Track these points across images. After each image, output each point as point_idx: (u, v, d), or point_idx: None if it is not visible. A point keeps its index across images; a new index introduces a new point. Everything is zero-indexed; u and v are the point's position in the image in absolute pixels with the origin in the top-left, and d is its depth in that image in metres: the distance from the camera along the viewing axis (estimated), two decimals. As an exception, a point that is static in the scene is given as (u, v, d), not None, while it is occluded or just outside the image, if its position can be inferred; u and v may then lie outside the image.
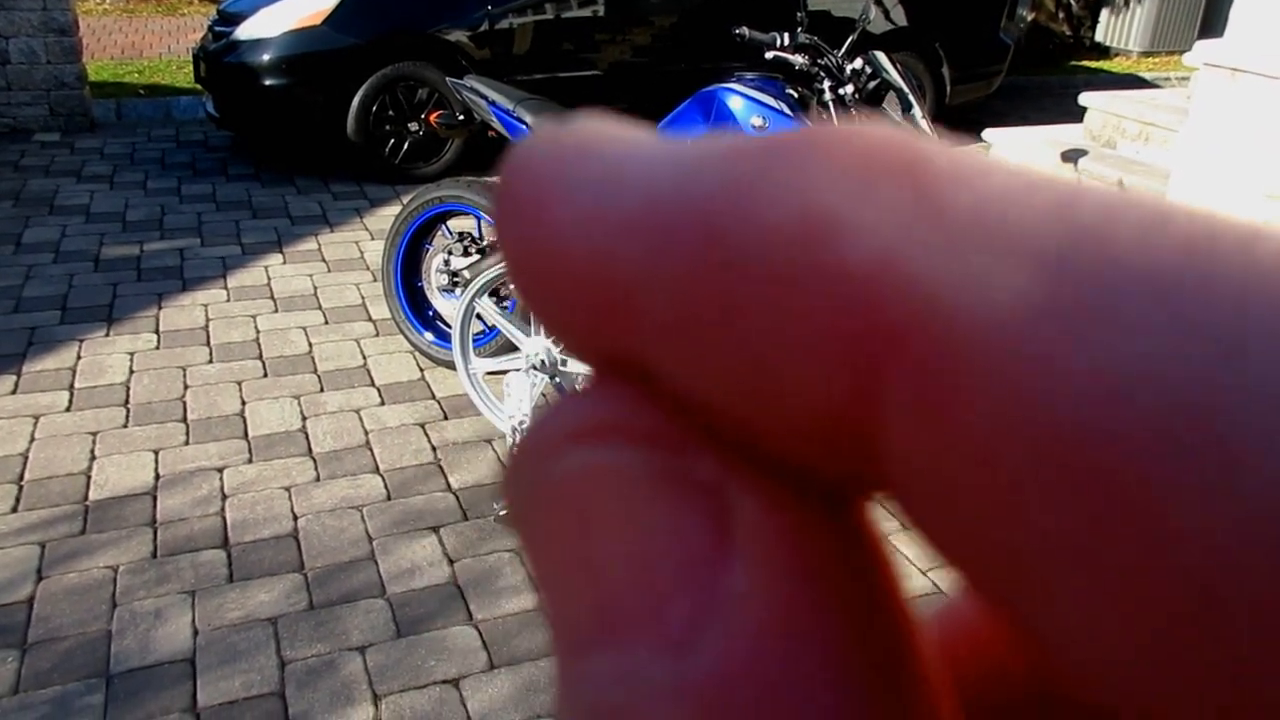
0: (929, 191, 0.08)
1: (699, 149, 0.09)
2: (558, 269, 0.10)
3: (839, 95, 2.78)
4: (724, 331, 0.09)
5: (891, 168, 0.09)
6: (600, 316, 0.10)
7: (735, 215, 0.09)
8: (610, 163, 0.10)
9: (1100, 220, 0.08)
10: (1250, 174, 3.29)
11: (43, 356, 3.40)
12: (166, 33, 9.06)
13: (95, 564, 2.42)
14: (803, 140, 0.09)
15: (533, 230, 0.10)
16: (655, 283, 0.09)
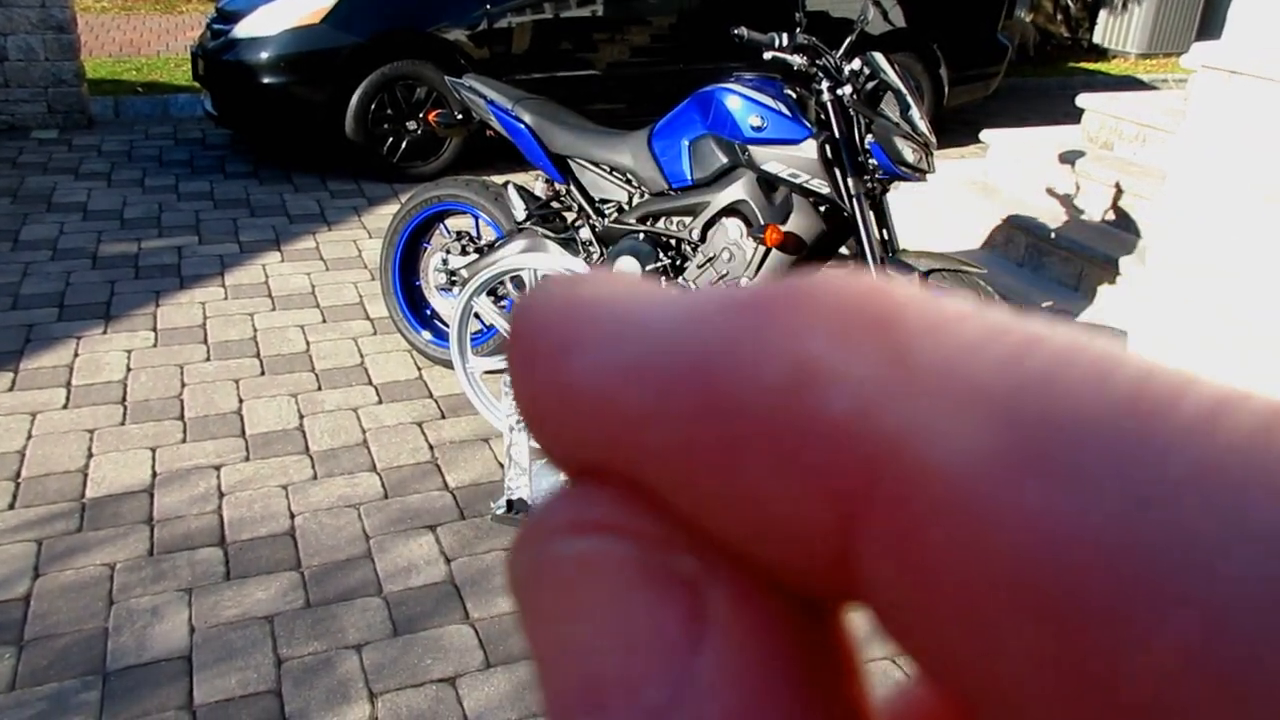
0: (900, 345, 0.09)
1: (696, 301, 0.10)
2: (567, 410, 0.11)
3: (837, 96, 2.78)
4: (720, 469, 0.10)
5: (868, 322, 0.10)
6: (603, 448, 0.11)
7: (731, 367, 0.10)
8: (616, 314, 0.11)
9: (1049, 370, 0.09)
10: (1247, 176, 3.29)
11: (40, 354, 3.40)
12: (165, 30, 9.05)
13: (92, 561, 2.42)
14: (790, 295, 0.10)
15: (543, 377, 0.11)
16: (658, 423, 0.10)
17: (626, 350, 0.10)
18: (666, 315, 0.10)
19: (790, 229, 2.85)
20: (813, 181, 2.81)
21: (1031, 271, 4.17)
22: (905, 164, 2.77)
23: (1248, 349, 3.22)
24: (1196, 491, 0.08)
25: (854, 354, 0.09)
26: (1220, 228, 3.39)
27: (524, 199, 3.17)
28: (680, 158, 3.01)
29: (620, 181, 3.15)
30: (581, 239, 3.18)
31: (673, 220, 3.04)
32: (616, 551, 0.11)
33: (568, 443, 0.11)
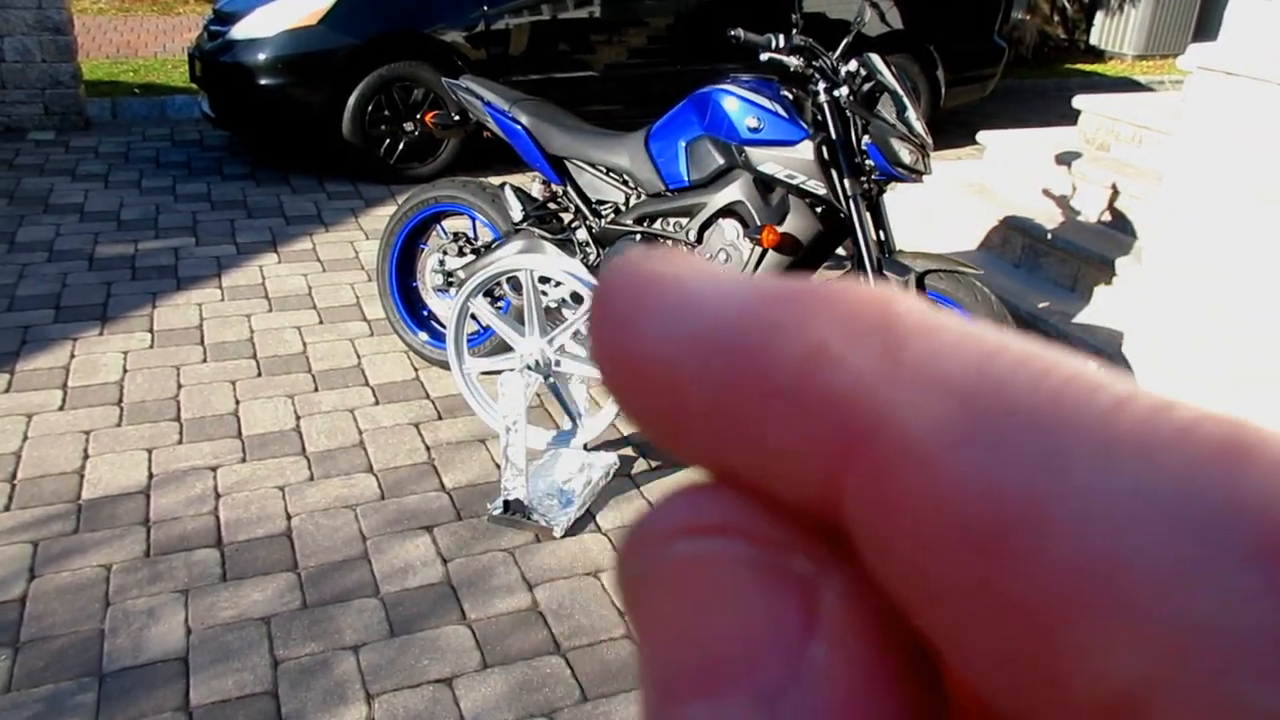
0: (893, 341, 0.12)
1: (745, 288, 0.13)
2: (635, 369, 0.13)
3: (834, 97, 2.78)
4: (745, 421, 0.12)
5: (873, 322, 0.12)
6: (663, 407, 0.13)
7: (764, 345, 0.12)
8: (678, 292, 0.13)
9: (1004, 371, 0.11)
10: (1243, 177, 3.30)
11: (36, 355, 3.40)
12: (162, 32, 9.05)
13: (88, 563, 2.42)
14: (817, 294, 0.12)
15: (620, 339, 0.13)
16: (703, 385, 0.12)
17: (684, 323, 0.13)
18: (720, 296, 0.13)
19: (787, 230, 2.85)
20: (809, 183, 2.81)
21: (1028, 272, 4.17)
22: (902, 165, 2.77)
23: (1242, 348, 3.22)
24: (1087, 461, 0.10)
25: (857, 344, 0.12)
26: (1216, 228, 3.39)
27: (521, 200, 3.17)
28: (677, 159, 3.01)
29: (617, 183, 3.16)
30: (578, 240, 3.18)
31: (669, 221, 3.04)
32: (735, 551, 0.13)
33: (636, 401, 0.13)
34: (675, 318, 0.13)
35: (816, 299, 0.12)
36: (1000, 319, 2.76)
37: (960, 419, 0.11)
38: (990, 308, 2.76)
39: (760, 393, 0.12)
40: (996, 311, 2.77)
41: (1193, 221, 3.47)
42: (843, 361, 0.12)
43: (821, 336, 0.12)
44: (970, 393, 0.11)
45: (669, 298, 0.13)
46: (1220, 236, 3.38)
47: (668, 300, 0.13)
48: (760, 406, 0.12)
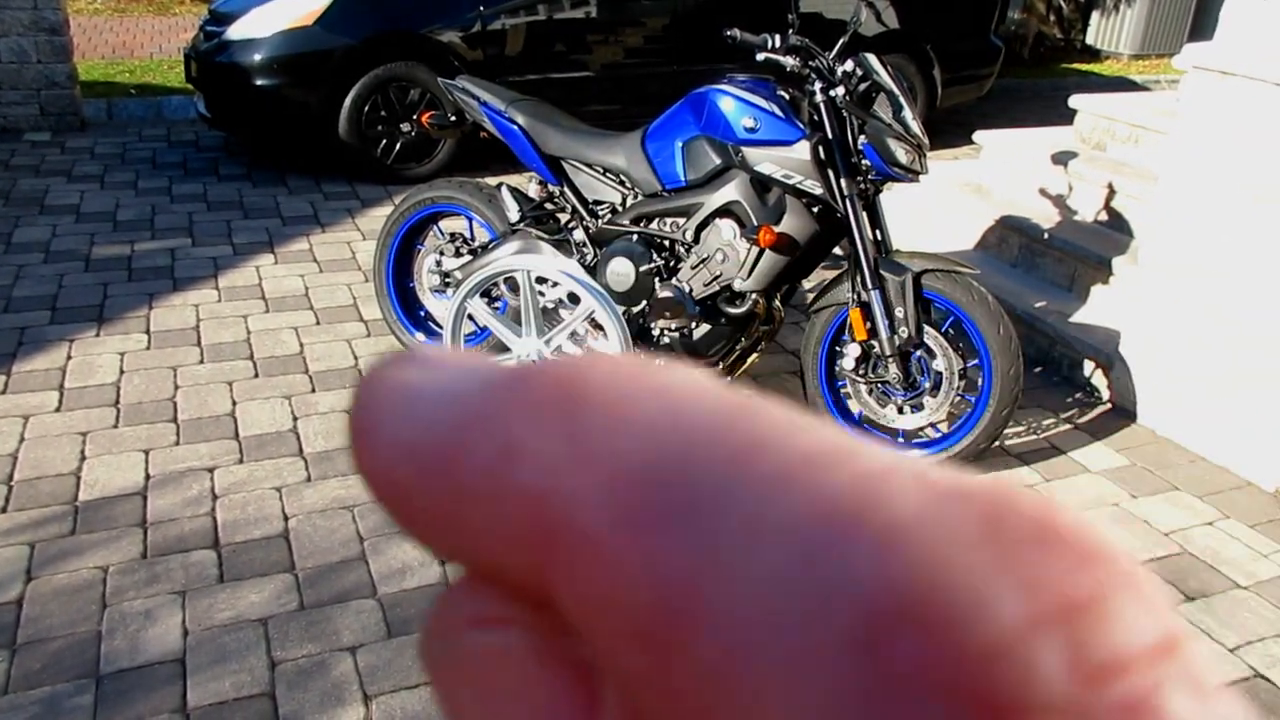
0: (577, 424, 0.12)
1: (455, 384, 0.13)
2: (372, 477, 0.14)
3: (830, 97, 2.78)
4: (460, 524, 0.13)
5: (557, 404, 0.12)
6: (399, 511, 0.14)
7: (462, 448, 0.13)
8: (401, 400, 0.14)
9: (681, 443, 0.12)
10: (1239, 176, 3.30)
11: (32, 356, 3.39)
12: (158, 32, 9.04)
13: (85, 564, 2.41)
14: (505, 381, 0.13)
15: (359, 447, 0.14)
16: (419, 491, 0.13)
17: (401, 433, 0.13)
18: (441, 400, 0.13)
19: (783, 230, 2.85)
20: (806, 182, 2.81)
21: (1024, 272, 4.18)
22: (898, 165, 2.77)
23: (1239, 349, 3.23)
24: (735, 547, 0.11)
25: (542, 432, 0.12)
26: (1212, 228, 3.40)
27: (517, 200, 3.17)
28: (674, 159, 3.01)
29: (614, 183, 3.16)
30: (575, 240, 3.18)
31: (666, 221, 3.04)
32: (519, 642, 0.13)
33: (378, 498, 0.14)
34: (401, 425, 0.13)
35: (510, 387, 0.13)
36: (997, 318, 2.77)
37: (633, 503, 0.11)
38: (987, 307, 2.77)
39: (463, 498, 0.13)
40: (993, 311, 2.77)
41: (1189, 221, 3.47)
42: (530, 454, 0.12)
43: (509, 429, 0.12)
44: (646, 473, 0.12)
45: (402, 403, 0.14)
46: (1217, 236, 3.39)
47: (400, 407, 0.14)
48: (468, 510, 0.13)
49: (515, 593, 0.14)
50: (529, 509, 0.12)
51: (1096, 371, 3.53)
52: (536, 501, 0.12)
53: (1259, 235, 3.26)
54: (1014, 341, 2.77)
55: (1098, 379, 3.53)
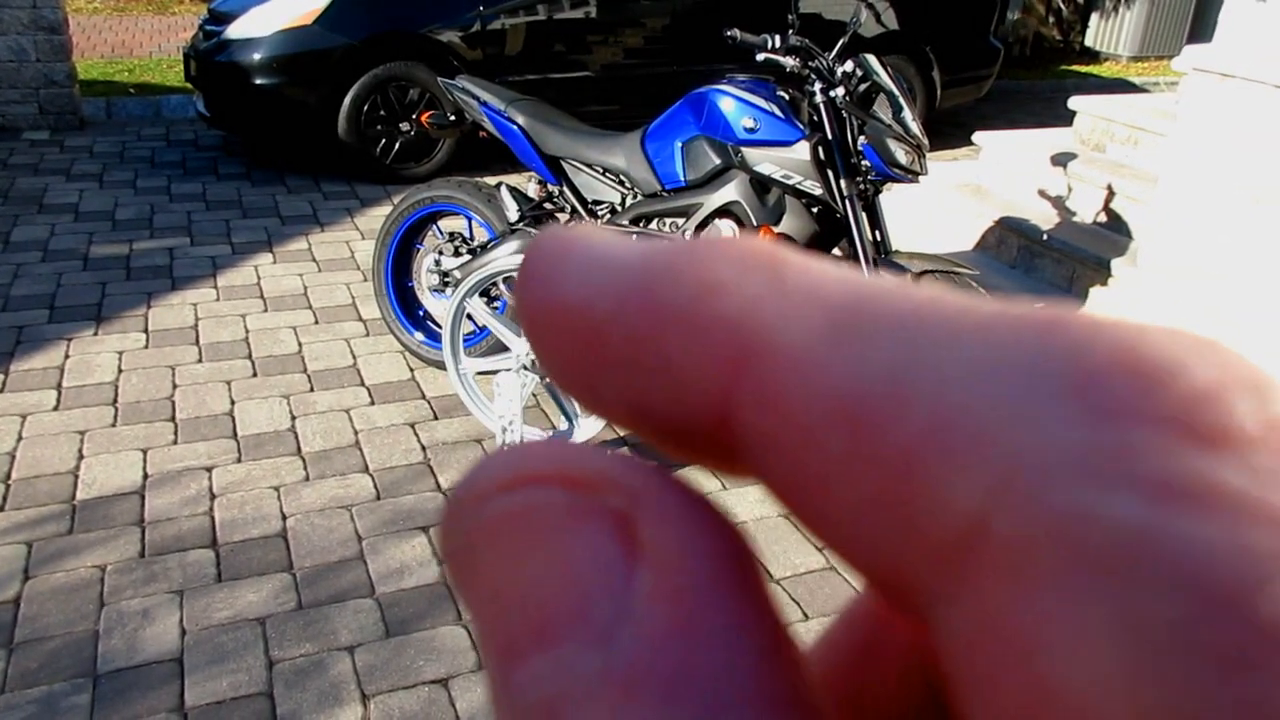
0: (779, 275, 0.13)
1: (651, 243, 0.14)
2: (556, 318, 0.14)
3: (830, 98, 2.78)
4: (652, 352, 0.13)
5: (760, 260, 0.13)
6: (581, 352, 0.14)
7: (665, 283, 0.13)
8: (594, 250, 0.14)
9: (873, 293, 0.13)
10: (1238, 178, 3.30)
11: (30, 355, 3.39)
12: (157, 31, 9.03)
13: (83, 563, 2.41)
14: (713, 242, 0.14)
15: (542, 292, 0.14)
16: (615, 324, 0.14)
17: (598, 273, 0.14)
18: (631, 251, 0.14)
19: (783, 230, 2.85)
20: (805, 183, 2.81)
21: (1023, 273, 4.18)
22: (898, 165, 2.77)
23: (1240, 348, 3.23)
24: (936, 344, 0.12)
25: (747, 277, 0.13)
26: (1211, 230, 3.40)
27: (517, 200, 3.17)
28: (673, 159, 3.01)
29: (613, 183, 3.16)
30: (574, 240, 3.17)
31: (665, 221, 3.04)
32: (549, 498, 0.13)
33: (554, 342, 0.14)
34: (591, 270, 0.14)
35: (711, 245, 0.14)
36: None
37: (833, 325, 0.12)
38: (986, 308, 2.77)
39: (662, 324, 0.13)
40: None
41: (1188, 223, 3.47)
42: (733, 291, 0.13)
43: (715, 272, 0.13)
44: (843, 307, 0.13)
45: (587, 255, 0.14)
46: (1216, 238, 3.39)
47: (585, 256, 0.14)
48: (663, 336, 0.13)
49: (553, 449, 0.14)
50: (729, 333, 0.13)
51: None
52: (737, 325, 0.13)
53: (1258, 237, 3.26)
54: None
55: (1096, 380, 3.53)
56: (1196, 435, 0.11)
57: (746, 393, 0.13)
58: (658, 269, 0.14)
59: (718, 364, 0.13)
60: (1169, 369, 0.11)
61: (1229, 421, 0.11)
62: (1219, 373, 0.11)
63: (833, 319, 0.12)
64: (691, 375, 0.13)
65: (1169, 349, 0.11)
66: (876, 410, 0.12)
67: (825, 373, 0.12)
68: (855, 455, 0.12)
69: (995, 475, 0.11)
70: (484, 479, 0.14)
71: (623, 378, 0.14)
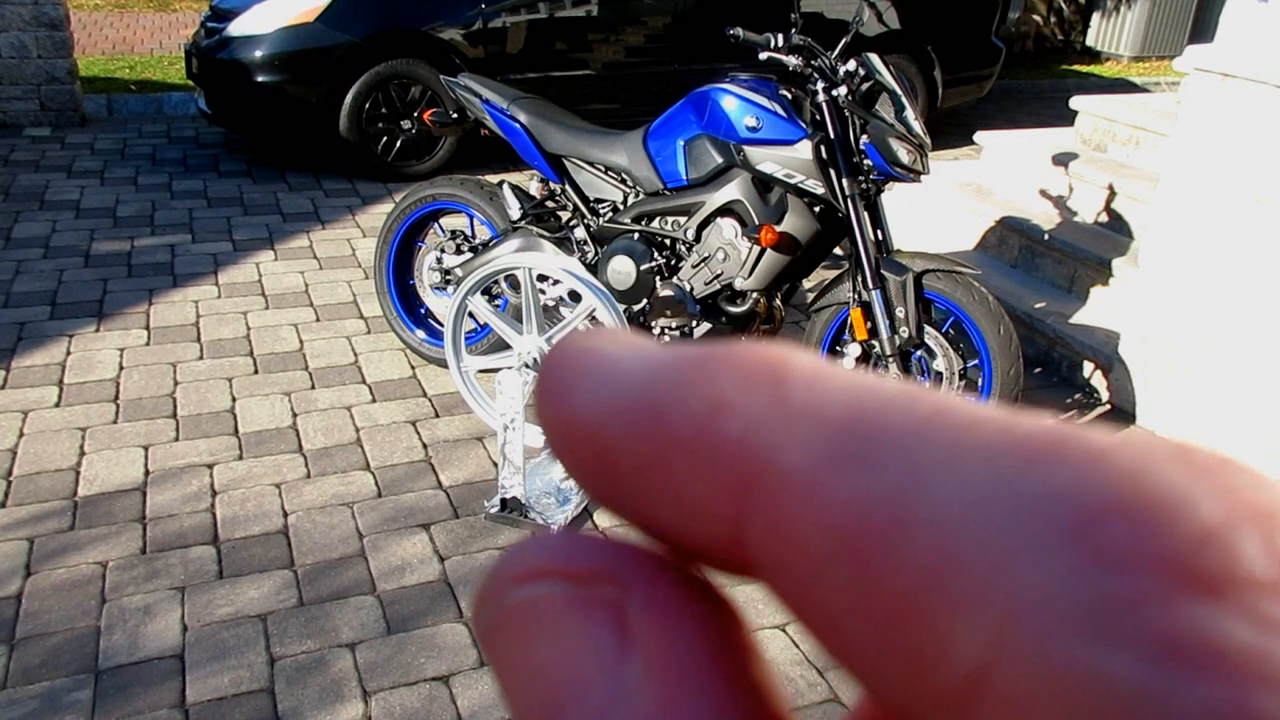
0: (783, 389, 0.13)
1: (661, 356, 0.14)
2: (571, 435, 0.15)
3: (832, 97, 2.78)
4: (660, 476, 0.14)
5: (766, 374, 0.13)
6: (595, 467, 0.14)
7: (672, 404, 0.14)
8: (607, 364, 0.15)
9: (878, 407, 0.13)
10: (1239, 178, 3.30)
11: (32, 352, 3.39)
12: (158, 28, 9.03)
13: (84, 560, 2.41)
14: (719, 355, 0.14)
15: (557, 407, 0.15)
16: (625, 445, 0.14)
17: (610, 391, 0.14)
18: (641, 365, 0.14)
19: (785, 229, 2.85)
20: (807, 182, 2.81)
21: (1025, 273, 4.18)
22: (900, 165, 2.77)
23: (1238, 350, 3.23)
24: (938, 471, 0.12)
25: (750, 395, 0.13)
26: (1212, 230, 3.40)
27: (519, 198, 3.17)
28: (675, 158, 3.01)
29: (615, 181, 3.16)
30: (576, 238, 3.18)
31: (667, 220, 3.05)
32: (553, 592, 0.14)
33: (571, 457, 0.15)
34: (603, 387, 0.14)
35: (717, 359, 0.14)
36: (997, 319, 2.77)
37: (836, 447, 0.12)
38: (987, 307, 2.77)
39: (670, 447, 0.13)
40: (994, 311, 2.77)
41: (1189, 223, 3.47)
42: (737, 410, 0.13)
43: (720, 391, 0.13)
44: (846, 425, 0.13)
45: (600, 369, 0.15)
46: (1217, 238, 3.39)
47: (598, 371, 0.15)
48: (671, 459, 0.13)
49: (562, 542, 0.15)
50: (734, 456, 0.13)
51: (1096, 372, 3.54)
52: (741, 449, 0.13)
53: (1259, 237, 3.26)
54: (1014, 342, 2.77)
55: (1097, 380, 3.53)
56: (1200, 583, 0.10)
57: (754, 520, 0.13)
58: (664, 388, 0.14)
59: (724, 491, 0.13)
60: (1173, 506, 0.11)
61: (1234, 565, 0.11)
62: (1225, 507, 0.11)
63: (834, 440, 0.12)
64: (699, 501, 0.13)
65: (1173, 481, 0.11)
66: (877, 544, 0.12)
67: (828, 498, 0.12)
68: (860, 590, 0.12)
69: (996, 625, 0.11)
70: (505, 570, 0.15)
71: (636, 500, 0.14)
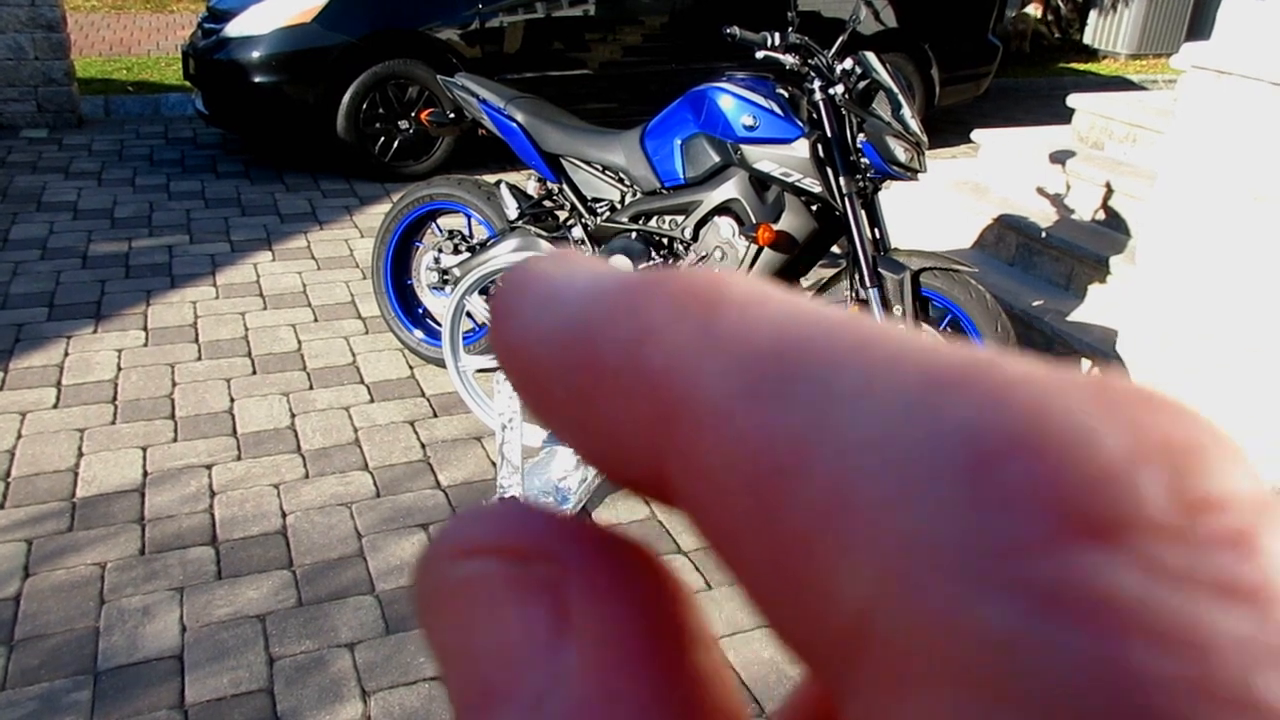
0: (711, 318, 0.13)
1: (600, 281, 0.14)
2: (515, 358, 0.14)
3: (829, 95, 2.78)
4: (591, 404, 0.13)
5: (696, 302, 0.13)
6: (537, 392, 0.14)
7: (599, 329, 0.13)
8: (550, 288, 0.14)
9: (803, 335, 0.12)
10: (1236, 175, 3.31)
11: (30, 353, 3.39)
12: (156, 29, 9.02)
13: (83, 561, 2.41)
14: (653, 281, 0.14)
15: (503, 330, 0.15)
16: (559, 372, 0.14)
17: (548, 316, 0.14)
18: (581, 290, 0.14)
19: (782, 228, 2.86)
20: (805, 180, 2.81)
21: (1022, 270, 4.18)
22: (897, 163, 2.77)
23: (1236, 347, 3.23)
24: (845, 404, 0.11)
25: (677, 323, 0.13)
26: (1209, 227, 3.40)
27: (516, 198, 3.17)
28: (672, 157, 3.01)
29: (613, 180, 3.16)
30: (574, 238, 3.18)
31: (665, 219, 3.05)
32: (489, 570, 0.14)
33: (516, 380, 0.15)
34: (544, 312, 0.14)
35: (649, 284, 0.14)
36: (995, 316, 2.77)
37: (754, 378, 0.12)
38: (985, 305, 2.77)
39: (597, 376, 0.13)
40: (991, 309, 2.77)
41: (1186, 220, 3.48)
42: (664, 339, 0.13)
43: (649, 319, 0.13)
44: (767, 355, 0.12)
45: (545, 293, 0.14)
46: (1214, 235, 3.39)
47: (543, 296, 0.14)
48: (598, 389, 0.13)
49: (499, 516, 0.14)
50: (656, 388, 0.13)
51: (1093, 370, 3.53)
52: (663, 380, 0.13)
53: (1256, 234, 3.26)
54: (1011, 340, 2.78)
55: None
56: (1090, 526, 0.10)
57: (672, 453, 0.13)
58: (597, 316, 0.13)
59: (646, 423, 0.13)
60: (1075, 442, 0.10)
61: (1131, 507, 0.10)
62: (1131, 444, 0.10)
63: (753, 371, 0.12)
64: (625, 431, 0.13)
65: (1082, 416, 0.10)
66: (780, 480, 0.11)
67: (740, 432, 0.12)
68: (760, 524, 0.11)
69: (879, 568, 0.10)
70: (442, 545, 0.14)
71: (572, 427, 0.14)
